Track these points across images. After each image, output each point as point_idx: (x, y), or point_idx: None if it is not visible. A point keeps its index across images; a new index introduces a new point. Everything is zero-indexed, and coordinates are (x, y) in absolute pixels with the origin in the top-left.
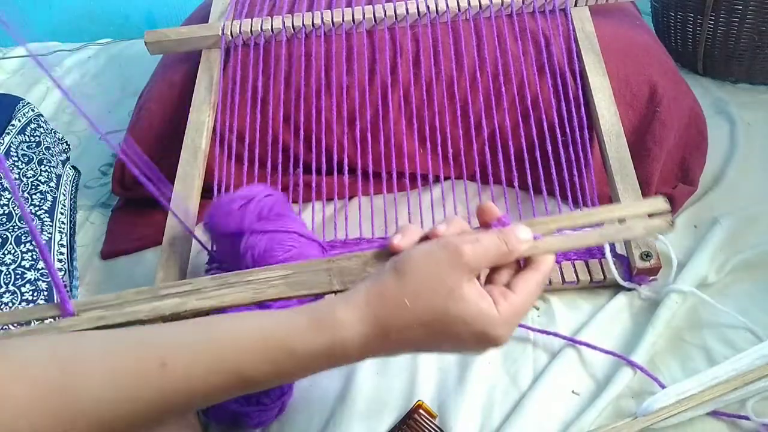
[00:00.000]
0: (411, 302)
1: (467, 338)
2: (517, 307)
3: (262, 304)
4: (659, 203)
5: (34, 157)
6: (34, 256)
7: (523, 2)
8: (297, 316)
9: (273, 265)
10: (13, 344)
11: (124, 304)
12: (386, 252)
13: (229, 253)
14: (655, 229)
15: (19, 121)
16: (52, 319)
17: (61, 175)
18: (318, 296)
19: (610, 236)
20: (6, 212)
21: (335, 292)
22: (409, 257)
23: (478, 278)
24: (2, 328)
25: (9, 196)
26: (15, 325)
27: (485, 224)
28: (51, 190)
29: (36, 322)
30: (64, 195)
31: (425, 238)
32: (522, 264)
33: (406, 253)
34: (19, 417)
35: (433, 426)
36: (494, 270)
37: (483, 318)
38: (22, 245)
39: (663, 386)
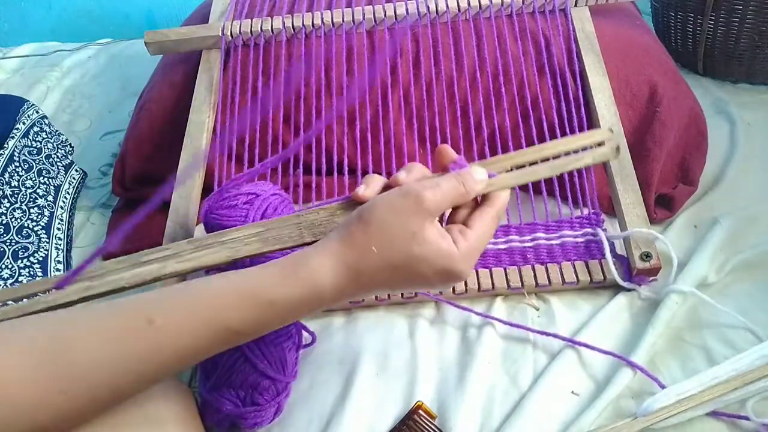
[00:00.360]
0: (378, 248)
1: (432, 276)
2: (474, 243)
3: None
4: (605, 133)
5: (34, 166)
6: (31, 272)
7: (523, 2)
8: (273, 269)
9: (246, 225)
10: (6, 324)
11: (106, 273)
12: (352, 203)
13: None
14: (602, 156)
15: (24, 123)
16: (41, 294)
17: (60, 186)
18: (292, 249)
19: (560, 167)
20: (3, 223)
21: (307, 244)
22: (373, 206)
23: (441, 217)
24: None
25: (8, 206)
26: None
27: (443, 167)
28: (48, 205)
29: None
30: (62, 209)
31: (388, 186)
32: (479, 200)
33: (371, 202)
34: (13, 386)
35: (432, 427)
36: (453, 208)
37: (444, 257)
38: (20, 260)
39: (663, 386)
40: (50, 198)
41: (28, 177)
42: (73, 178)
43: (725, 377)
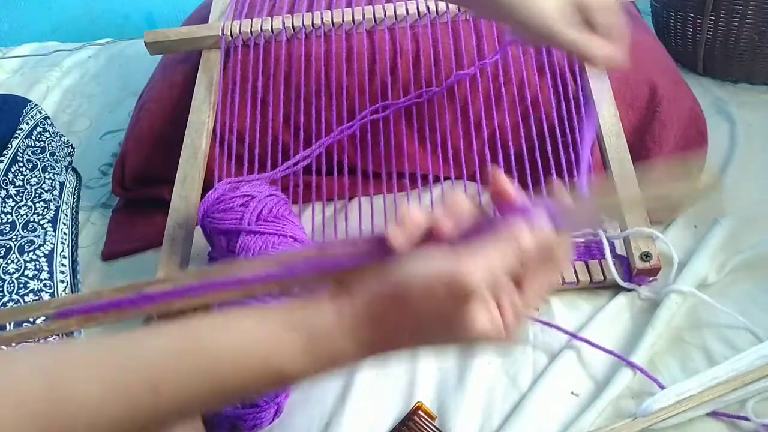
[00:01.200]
0: (410, 331)
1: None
2: (520, 310)
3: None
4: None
5: (39, 164)
6: (37, 266)
7: None
8: (291, 342)
9: (258, 258)
10: (6, 360)
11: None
12: (382, 245)
13: (225, 249)
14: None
15: (27, 124)
16: (45, 318)
17: (64, 183)
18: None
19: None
20: (9, 221)
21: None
22: (410, 285)
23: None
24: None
25: (13, 204)
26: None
27: (500, 208)
28: (54, 199)
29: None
30: (66, 204)
31: (427, 232)
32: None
33: (406, 274)
34: None
35: (432, 427)
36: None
37: (482, 339)
38: (25, 254)
39: (662, 387)
40: (56, 192)
41: (33, 174)
42: (72, 180)
43: (725, 377)
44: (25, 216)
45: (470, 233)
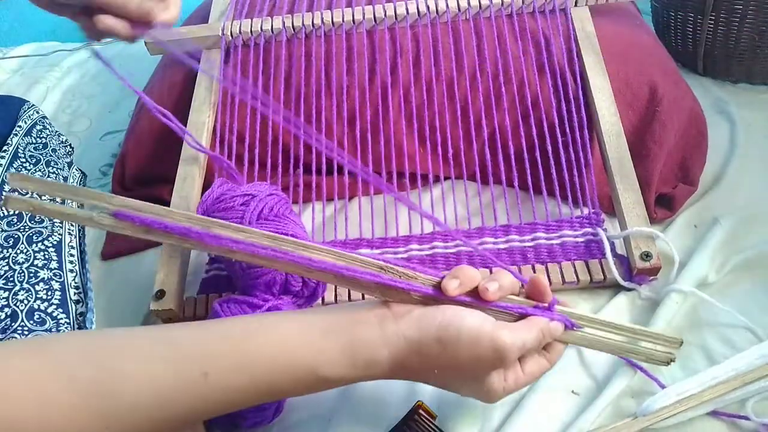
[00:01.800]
0: (440, 370)
1: (465, 393)
2: (520, 386)
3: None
4: (675, 342)
5: (42, 159)
6: (46, 256)
7: (523, 2)
8: (335, 351)
9: (329, 248)
10: (50, 342)
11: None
12: (437, 285)
13: None
14: (653, 360)
15: (25, 122)
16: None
17: (67, 178)
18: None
19: (616, 349)
20: (17, 213)
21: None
22: (458, 336)
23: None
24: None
25: None
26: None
27: (532, 298)
28: None
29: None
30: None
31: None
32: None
33: (457, 327)
34: (57, 418)
35: (433, 426)
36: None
37: (487, 394)
38: (34, 245)
39: (663, 386)
40: None
41: (37, 168)
42: (74, 176)
43: (725, 377)
44: None
45: (505, 306)
